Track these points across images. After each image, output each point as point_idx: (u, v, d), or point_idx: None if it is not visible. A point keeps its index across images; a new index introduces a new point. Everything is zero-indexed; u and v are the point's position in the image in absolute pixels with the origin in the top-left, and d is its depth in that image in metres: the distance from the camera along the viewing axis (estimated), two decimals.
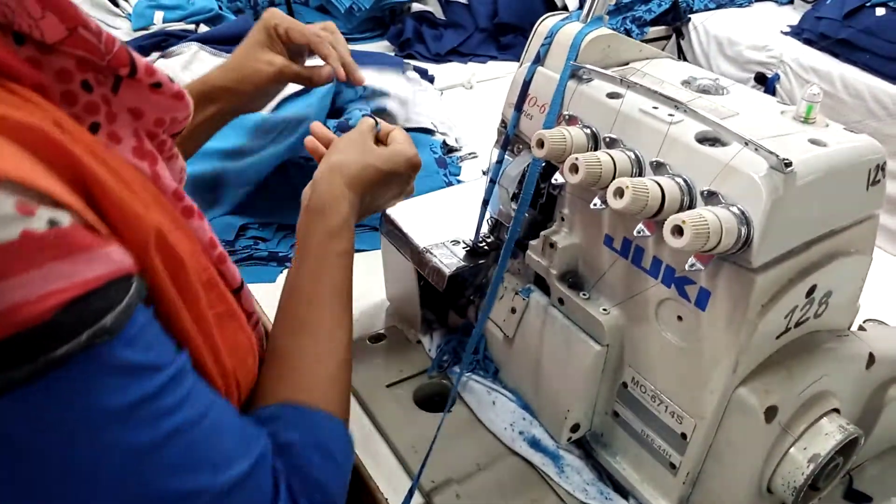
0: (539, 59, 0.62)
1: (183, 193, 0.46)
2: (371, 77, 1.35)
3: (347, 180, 0.64)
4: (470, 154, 1.19)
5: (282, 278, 0.88)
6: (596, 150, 0.55)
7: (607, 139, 0.55)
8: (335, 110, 1.10)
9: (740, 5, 2.62)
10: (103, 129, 0.41)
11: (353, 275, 0.61)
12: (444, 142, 1.20)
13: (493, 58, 1.80)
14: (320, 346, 0.55)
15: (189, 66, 1.18)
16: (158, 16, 1.60)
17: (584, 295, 0.61)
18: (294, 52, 0.87)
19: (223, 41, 1.23)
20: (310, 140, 0.72)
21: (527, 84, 0.62)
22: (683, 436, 0.56)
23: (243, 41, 0.85)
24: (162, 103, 0.45)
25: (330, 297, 0.58)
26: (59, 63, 0.39)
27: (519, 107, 0.63)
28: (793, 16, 2.46)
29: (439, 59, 1.76)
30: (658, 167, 0.51)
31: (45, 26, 0.37)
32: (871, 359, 0.57)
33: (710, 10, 2.54)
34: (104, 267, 0.34)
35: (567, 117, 0.58)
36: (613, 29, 0.61)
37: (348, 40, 1.91)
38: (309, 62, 0.90)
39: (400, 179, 0.69)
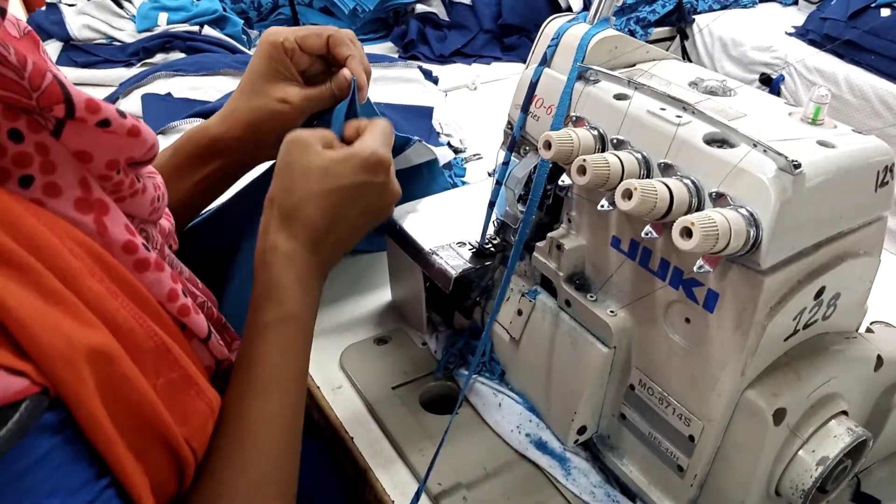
0: (546, 61, 0.62)
1: (136, 246, 0.42)
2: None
3: (279, 221, 0.53)
4: (475, 155, 1.19)
5: None
6: (603, 151, 0.55)
7: (615, 141, 0.54)
8: None
9: (744, 6, 2.62)
10: (37, 182, 0.38)
11: (294, 346, 0.51)
12: (449, 143, 1.20)
13: (498, 59, 1.80)
14: (239, 446, 0.47)
15: None
16: (163, 17, 1.61)
17: (591, 297, 0.60)
18: (311, 71, 0.67)
19: None
20: None
21: (533, 85, 0.62)
22: (691, 438, 0.55)
23: (243, 77, 0.66)
24: (114, 143, 0.41)
25: (252, 382, 0.49)
26: None
27: (525, 108, 0.63)
28: (797, 17, 2.46)
29: (443, 60, 1.77)
30: (666, 169, 0.51)
31: None
32: (880, 361, 0.57)
33: (714, 11, 2.54)
34: None
35: (574, 119, 0.58)
36: (617, 30, 0.61)
37: None
38: None
39: (366, 189, 0.55)
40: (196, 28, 1.62)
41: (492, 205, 0.70)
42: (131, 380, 0.38)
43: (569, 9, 1.97)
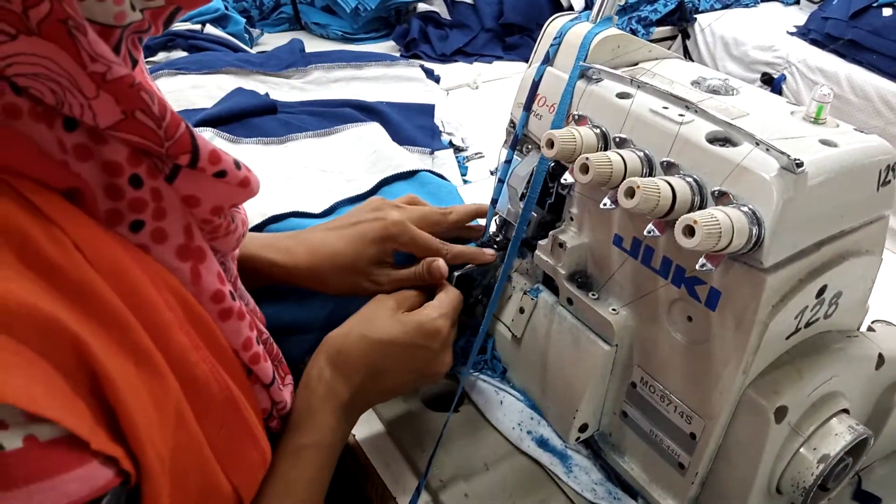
0: (548, 59, 0.62)
1: (223, 295, 0.43)
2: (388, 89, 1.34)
3: (332, 354, 0.57)
4: (476, 154, 1.19)
5: None
6: (606, 150, 0.55)
7: (617, 139, 0.55)
8: None
9: (746, 5, 2.62)
10: (147, 228, 0.38)
11: (319, 472, 0.54)
12: (451, 141, 1.20)
13: (499, 58, 1.80)
14: None
15: None
16: None
17: (593, 295, 0.61)
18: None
19: (238, 116, 1.10)
20: None
21: (536, 84, 0.63)
22: (692, 436, 0.56)
23: (343, 241, 0.65)
24: (224, 192, 0.41)
25: (281, 496, 0.51)
26: (110, 154, 0.36)
27: (528, 107, 0.64)
28: (799, 16, 2.46)
29: (445, 59, 1.76)
30: (669, 167, 0.51)
31: (97, 108, 0.33)
32: (881, 359, 0.57)
33: (716, 10, 2.54)
34: (63, 498, 0.30)
35: (577, 117, 0.58)
36: (619, 29, 0.61)
37: (354, 41, 1.92)
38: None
39: (418, 352, 0.58)
40: (198, 27, 1.62)
41: (494, 203, 0.70)
42: (195, 462, 0.39)
43: (570, 8, 1.97)
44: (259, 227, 0.84)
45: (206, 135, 1.03)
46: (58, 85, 0.32)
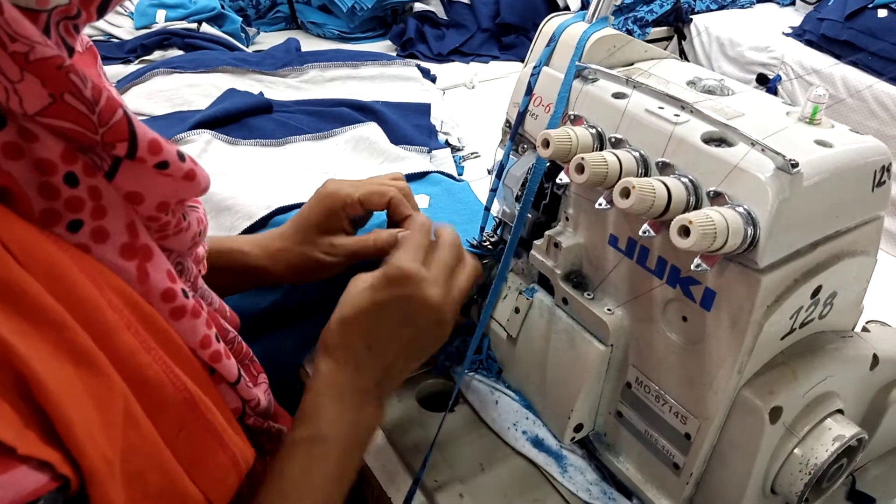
0: (544, 59, 0.62)
1: (174, 293, 0.42)
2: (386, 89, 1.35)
3: (323, 349, 0.55)
4: (472, 154, 1.19)
5: None
6: (601, 150, 0.55)
7: (613, 139, 0.55)
8: None
9: (742, 6, 2.62)
10: (86, 227, 0.37)
11: (321, 466, 0.52)
12: (447, 141, 1.20)
13: (496, 58, 1.80)
14: None
15: (202, 155, 1.03)
16: (161, 14, 1.60)
17: (588, 295, 0.61)
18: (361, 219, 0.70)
19: (234, 117, 1.10)
20: None
21: (532, 84, 0.62)
22: (687, 436, 0.56)
23: (296, 218, 0.68)
24: (168, 186, 0.40)
25: (272, 495, 0.50)
26: (42, 152, 0.34)
27: (524, 107, 0.63)
28: (795, 17, 2.47)
29: (441, 58, 1.77)
30: (664, 167, 0.51)
31: (23, 91, 0.32)
32: (875, 360, 0.57)
33: (711, 11, 2.55)
34: None
35: (572, 117, 0.58)
36: (615, 29, 0.61)
37: (350, 40, 1.92)
38: None
39: (395, 304, 0.54)
40: (194, 25, 1.62)
41: (489, 203, 0.70)
42: (152, 463, 0.38)
43: (566, 8, 1.97)
44: (266, 219, 0.84)
45: (205, 136, 1.03)
46: None
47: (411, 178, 0.94)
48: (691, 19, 2.45)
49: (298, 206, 0.84)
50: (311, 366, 0.71)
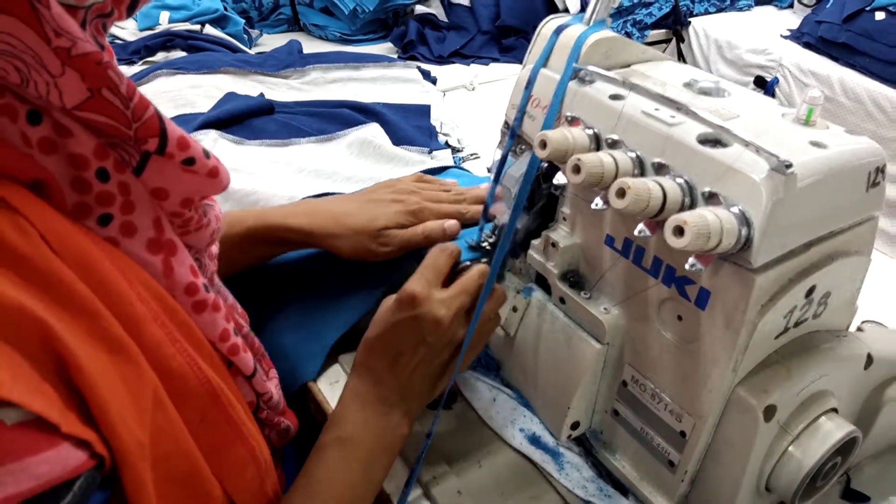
0: (542, 61, 0.63)
1: (197, 287, 0.43)
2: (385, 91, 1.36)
3: (352, 370, 0.60)
4: (472, 155, 1.20)
5: None
6: (598, 150, 0.56)
7: (609, 140, 0.55)
8: None
9: (740, 9, 2.63)
10: (115, 221, 0.38)
11: (344, 466, 0.55)
12: (447, 142, 1.21)
13: (496, 60, 1.81)
14: None
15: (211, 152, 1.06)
16: (164, 16, 1.61)
17: (585, 294, 0.61)
18: None
19: (237, 119, 1.11)
20: None
21: (530, 85, 0.63)
22: (683, 434, 0.56)
23: (362, 204, 0.73)
24: (193, 182, 0.41)
25: (300, 494, 0.53)
26: (76, 148, 0.36)
27: (522, 108, 0.64)
28: (793, 19, 2.48)
29: (442, 60, 1.77)
30: (660, 168, 0.51)
31: (63, 85, 0.33)
32: (870, 359, 0.58)
33: (710, 13, 2.55)
34: (33, 480, 0.30)
35: (569, 118, 0.59)
36: (614, 32, 0.62)
37: (352, 42, 1.93)
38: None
39: (404, 325, 0.57)
40: (197, 27, 1.63)
41: (487, 203, 0.70)
42: (176, 449, 0.39)
43: (566, 10, 1.98)
44: None
45: (211, 136, 1.04)
46: (22, 62, 0.32)
47: (431, 172, 0.95)
48: (690, 22, 2.46)
49: (326, 194, 0.88)
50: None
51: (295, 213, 0.72)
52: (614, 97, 0.56)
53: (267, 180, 0.96)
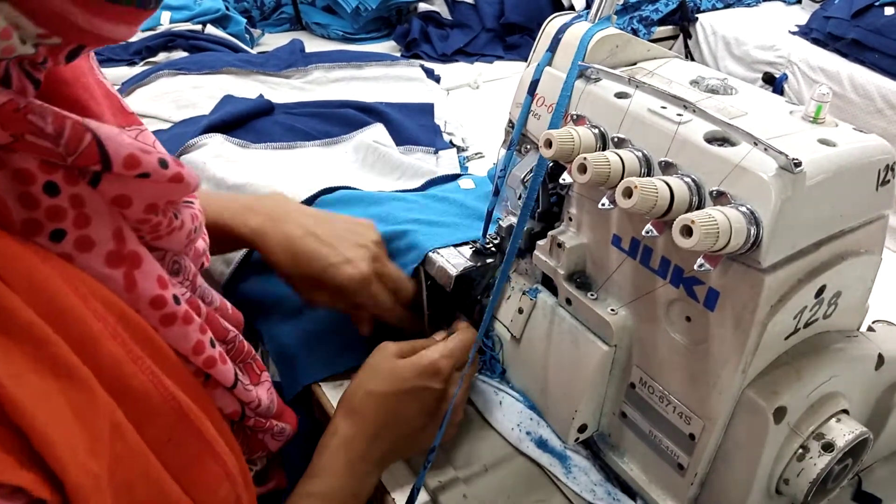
0: (547, 59, 0.62)
1: (164, 300, 0.42)
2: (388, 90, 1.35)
3: (345, 410, 0.59)
4: (476, 154, 1.19)
5: None
6: (604, 149, 0.55)
7: (616, 139, 0.54)
8: None
9: (748, 5, 2.61)
10: (69, 237, 0.37)
11: None
12: (451, 141, 1.20)
13: (500, 58, 1.80)
14: None
15: (218, 156, 1.01)
16: (165, 16, 1.61)
17: (591, 295, 0.60)
18: None
19: (240, 122, 1.10)
20: None
21: (534, 84, 0.62)
22: (692, 436, 0.55)
23: (316, 254, 0.67)
24: (154, 189, 0.40)
25: None
26: (21, 163, 0.34)
27: (527, 107, 0.63)
28: (801, 15, 2.46)
29: (446, 59, 1.76)
30: (667, 167, 0.51)
31: None
32: (881, 360, 0.57)
33: (717, 9, 2.54)
34: None
35: (575, 117, 0.58)
36: (620, 29, 0.61)
37: (354, 41, 1.92)
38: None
39: (421, 393, 0.60)
40: (199, 27, 1.63)
41: (492, 205, 0.70)
42: (141, 474, 0.38)
43: (571, 7, 1.97)
44: (310, 201, 0.86)
45: (217, 139, 1.03)
46: None
47: (445, 179, 0.95)
48: (697, 18, 2.44)
49: (344, 187, 0.89)
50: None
51: (251, 213, 0.68)
52: (620, 95, 0.56)
53: (281, 180, 0.96)
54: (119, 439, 0.37)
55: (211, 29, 1.64)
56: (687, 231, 0.43)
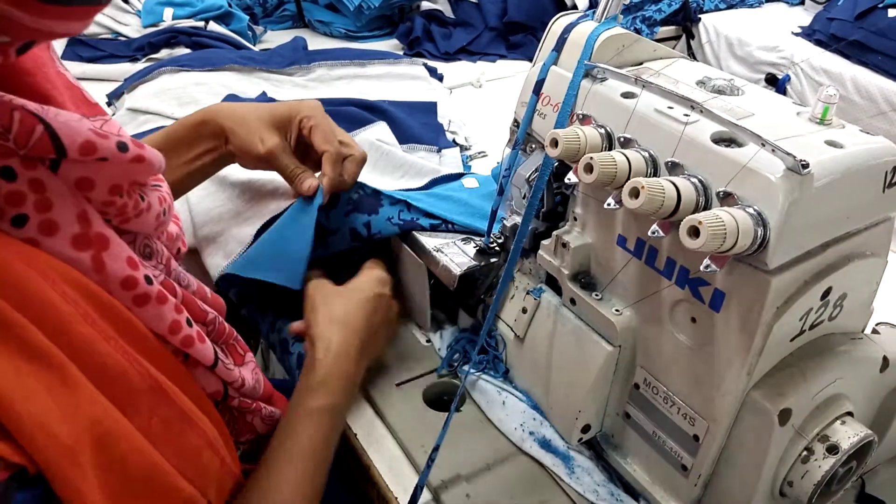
0: (553, 59, 0.62)
1: (136, 281, 0.42)
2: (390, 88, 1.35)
3: (333, 323, 0.64)
4: (480, 153, 1.19)
5: None
6: (610, 149, 0.55)
7: (622, 139, 0.54)
8: None
9: (751, 6, 2.61)
10: (32, 221, 0.37)
11: (332, 433, 0.60)
12: (454, 140, 1.20)
13: (503, 57, 1.79)
14: None
15: None
16: (168, 13, 1.61)
17: (596, 295, 0.60)
18: (304, 145, 0.77)
19: None
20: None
21: (540, 83, 0.62)
22: (696, 438, 0.55)
23: (266, 106, 0.77)
24: (116, 170, 0.40)
25: (296, 456, 0.55)
26: None
27: (532, 106, 0.63)
28: (804, 16, 2.45)
29: (448, 57, 1.76)
30: (673, 167, 0.50)
31: None
32: (886, 362, 0.57)
33: (720, 10, 2.53)
34: None
35: (581, 117, 0.58)
36: (624, 28, 0.61)
37: (357, 39, 1.92)
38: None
39: (381, 300, 0.69)
40: (201, 24, 1.62)
41: (496, 205, 0.69)
42: (131, 448, 0.39)
43: (574, 7, 1.97)
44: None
45: None
46: None
47: (448, 178, 0.95)
48: (700, 18, 2.44)
49: None
50: None
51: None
52: (626, 95, 0.56)
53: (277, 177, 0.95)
54: (108, 417, 0.38)
55: (213, 26, 1.63)
56: (694, 232, 0.43)
